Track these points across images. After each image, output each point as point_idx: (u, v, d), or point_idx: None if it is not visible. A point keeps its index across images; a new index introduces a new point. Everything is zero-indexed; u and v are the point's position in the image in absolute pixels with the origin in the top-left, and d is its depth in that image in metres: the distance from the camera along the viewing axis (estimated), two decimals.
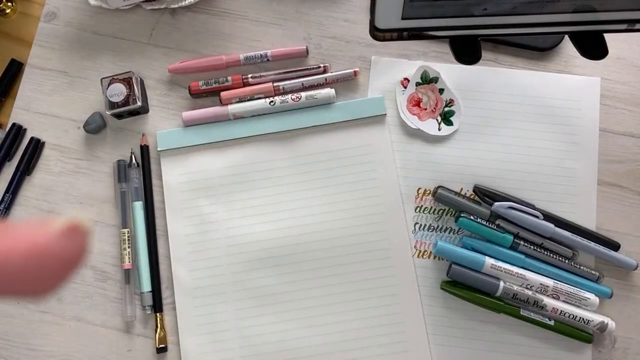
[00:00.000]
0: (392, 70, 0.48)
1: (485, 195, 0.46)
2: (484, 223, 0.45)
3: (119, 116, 0.48)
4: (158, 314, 0.46)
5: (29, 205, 0.48)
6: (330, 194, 0.47)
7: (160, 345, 0.45)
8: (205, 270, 0.46)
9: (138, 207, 0.47)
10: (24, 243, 0.18)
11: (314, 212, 0.47)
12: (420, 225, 0.46)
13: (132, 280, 0.47)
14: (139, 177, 0.48)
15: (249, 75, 0.48)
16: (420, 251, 0.46)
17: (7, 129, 0.49)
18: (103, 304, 0.47)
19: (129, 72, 0.47)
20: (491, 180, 0.46)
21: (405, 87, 0.48)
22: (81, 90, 0.50)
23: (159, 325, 0.46)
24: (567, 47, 0.48)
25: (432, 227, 0.46)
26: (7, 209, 0.48)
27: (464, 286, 0.45)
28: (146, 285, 0.46)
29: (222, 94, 0.48)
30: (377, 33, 0.37)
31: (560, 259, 0.45)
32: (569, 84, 0.48)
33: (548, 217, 0.45)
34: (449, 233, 0.46)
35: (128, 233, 0.47)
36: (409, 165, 0.47)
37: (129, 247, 0.47)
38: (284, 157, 0.47)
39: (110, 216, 0.48)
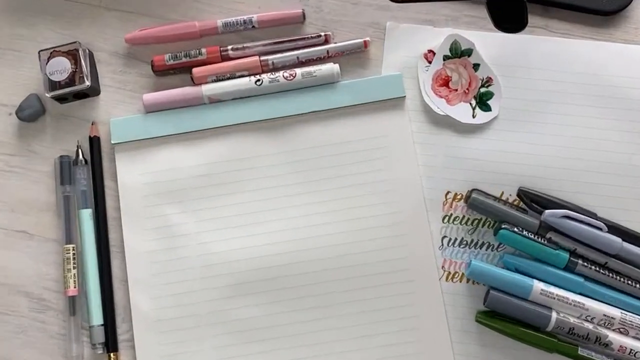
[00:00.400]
0: (413, 40, 0.47)
1: (532, 200, 0.44)
2: (532, 237, 0.43)
3: (61, 99, 0.46)
4: (112, 354, 0.44)
5: None
6: (333, 200, 0.45)
7: None
8: (173, 297, 0.44)
9: (86, 216, 0.45)
10: None
11: (312, 223, 0.45)
12: (450, 239, 0.45)
13: (78, 310, 0.45)
14: (88, 177, 0.46)
15: (229, 47, 0.46)
16: (449, 273, 0.44)
17: None
18: (41, 340, 0.45)
19: (75, 42, 0.46)
20: (541, 182, 0.44)
21: (430, 62, 0.46)
22: (13, 67, 0.48)
23: None
24: (638, 9, 0.46)
25: (464, 242, 0.44)
26: None
27: (505, 318, 0.42)
28: (97, 318, 0.44)
29: (195, 70, 0.46)
30: None
31: (630, 282, 0.43)
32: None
33: (614, 229, 0.43)
34: (487, 250, 0.44)
35: (73, 250, 0.45)
36: (434, 162, 0.45)
37: (74, 268, 0.45)
38: (274, 153, 0.46)
39: (50, 228, 0.46)
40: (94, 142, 0.46)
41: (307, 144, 0.45)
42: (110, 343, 0.43)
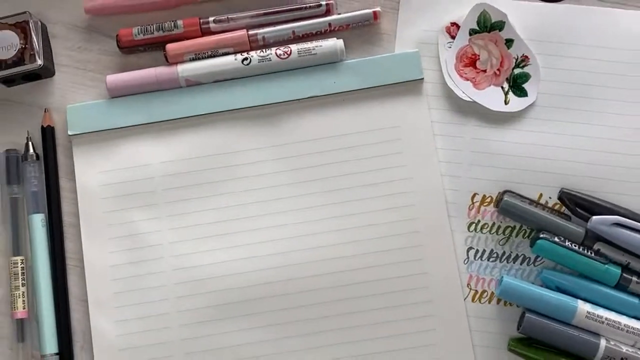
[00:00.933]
0: (433, 10, 0.45)
1: (577, 204, 0.43)
2: (576, 248, 0.41)
3: (8, 81, 0.45)
4: None
5: None
6: (335, 204, 0.44)
7: None
8: (142, 321, 0.43)
9: (38, 223, 0.44)
10: None
11: (309, 232, 0.44)
12: (477, 251, 0.43)
13: (28, 336, 0.44)
14: (39, 176, 0.45)
15: (211, 19, 0.45)
16: (476, 292, 0.43)
17: None
18: None
19: (25, 12, 0.44)
20: (587, 182, 0.43)
21: (454, 38, 0.45)
22: None
23: None
24: None
25: (494, 255, 0.43)
26: None
27: (544, 346, 0.41)
28: (50, 345, 0.43)
29: (169, 47, 0.45)
30: None
31: None
32: None
33: None
34: (521, 264, 0.43)
35: (22, 263, 0.44)
36: (459, 158, 0.44)
37: (23, 285, 0.43)
38: (264, 146, 0.45)
39: None
40: (48, 133, 0.45)
41: (304, 136, 0.45)
42: None
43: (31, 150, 0.44)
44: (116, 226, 0.43)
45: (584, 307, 0.40)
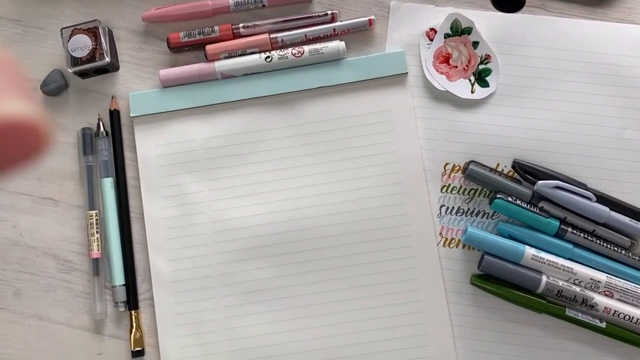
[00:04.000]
0: (416, 18, 0.48)
1: (526, 172, 0.46)
2: (525, 205, 0.45)
3: (83, 75, 0.48)
4: (133, 312, 0.47)
5: None
6: (338, 171, 0.47)
7: (137, 349, 0.46)
8: (189, 260, 0.47)
9: (107, 184, 0.48)
10: None
11: (318, 192, 0.47)
12: (447, 208, 0.47)
13: (101, 271, 0.47)
14: (109, 148, 0.48)
15: (241, 25, 0.48)
16: (446, 239, 0.47)
17: None
18: (68, 299, 0.47)
19: (95, 20, 0.47)
20: (534, 154, 0.46)
21: (432, 40, 0.48)
22: (37, 43, 0.50)
23: (134, 324, 0.46)
24: None
25: (461, 211, 0.47)
26: None
27: (498, 281, 0.45)
28: (118, 278, 0.47)
29: (208, 47, 0.48)
30: None
31: (616, 249, 0.45)
32: (633, 35, 0.47)
33: (602, 199, 0.45)
34: (482, 217, 0.47)
35: (96, 216, 0.47)
36: (434, 135, 0.47)
37: (97, 232, 0.47)
38: (283, 126, 0.48)
39: (75, 196, 0.48)
40: (114, 115, 0.48)
41: (314, 118, 0.47)
42: (132, 301, 0.46)
43: (102, 129, 0.48)
44: (168, 187, 0.47)
45: (530, 251, 0.44)
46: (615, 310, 0.44)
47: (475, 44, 0.47)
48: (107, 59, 0.47)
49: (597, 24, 0.47)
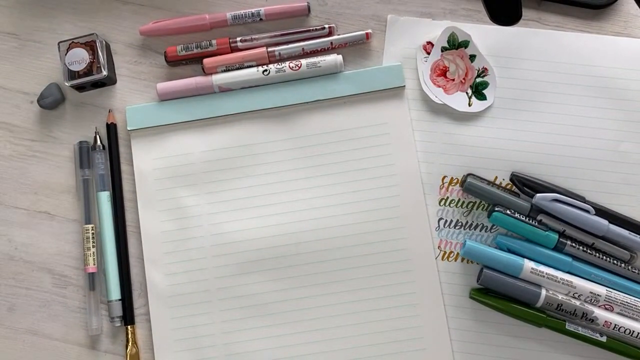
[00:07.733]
0: (413, 32, 0.48)
1: (524, 184, 0.46)
2: (523, 219, 0.45)
3: (80, 88, 0.49)
4: (129, 327, 0.47)
5: None
6: (336, 184, 0.47)
7: None
8: (186, 274, 0.47)
9: (104, 198, 0.48)
10: None
11: (316, 205, 0.47)
12: (446, 221, 0.47)
13: (97, 286, 0.47)
14: (105, 162, 0.48)
15: (238, 39, 0.48)
16: (445, 252, 0.47)
17: None
18: (63, 314, 0.47)
19: (92, 34, 0.48)
20: (532, 167, 0.47)
21: (429, 53, 0.48)
22: (34, 57, 0.50)
23: (130, 340, 0.46)
24: (627, 3, 0.48)
25: (459, 224, 0.47)
26: None
27: (497, 295, 0.45)
28: (115, 293, 0.47)
29: (205, 61, 0.48)
30: None
31: (615, 262, 0.45)
32: (629, 48, 0.48)
33: (601, 211, 0.45)
34: (480, 231, 0.47)
35: (92, 230, 0.47)
36: (432, 148, 0.47)
37: (93, 246, 0.47)
38: (281, 139, 0.48)
39: (71, 209, 0.48)
40: (111, 129, 0.48)
41: (312, 131, 0.47)
42: (128, 316, 0.46)
43: (99, 142, 0.48)
44: (165, 201, 0.47)
45: (529, 264, 0.44)
46: (615, 324, 0.44)
47: (472, 57, 0.48)
48: (105, 73, 0.47)
49: (593, 37, 0.48)
